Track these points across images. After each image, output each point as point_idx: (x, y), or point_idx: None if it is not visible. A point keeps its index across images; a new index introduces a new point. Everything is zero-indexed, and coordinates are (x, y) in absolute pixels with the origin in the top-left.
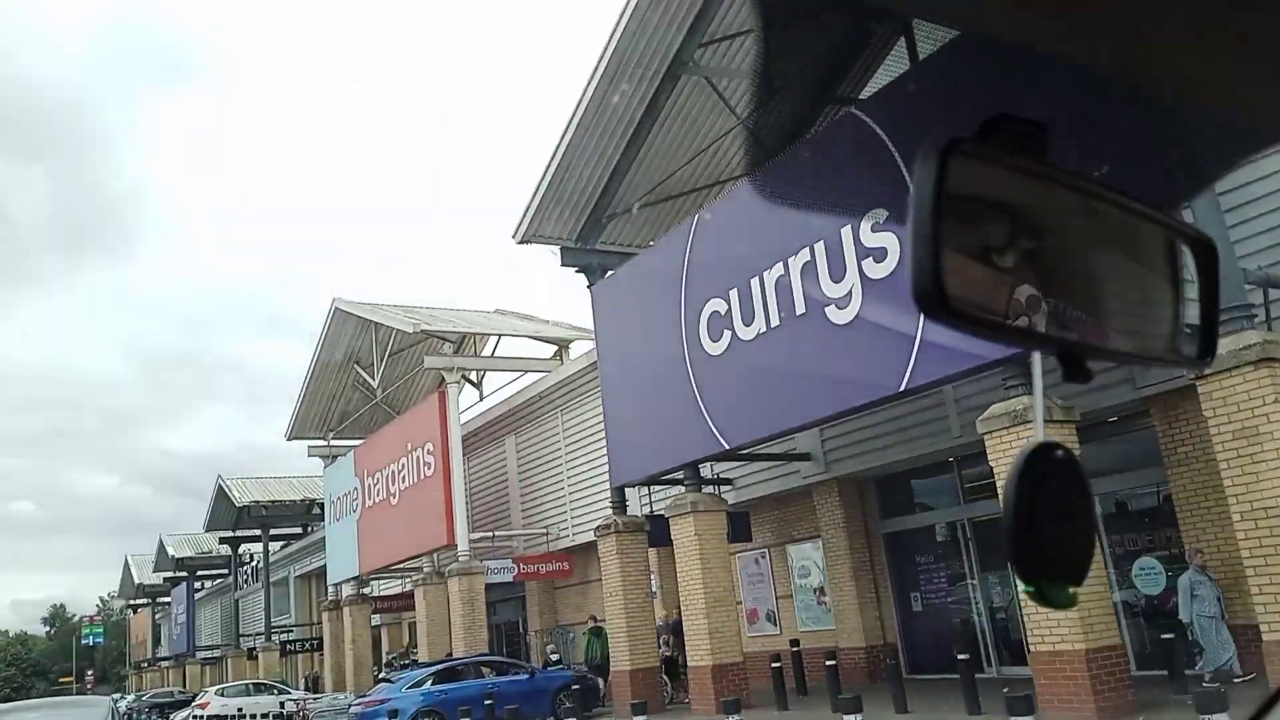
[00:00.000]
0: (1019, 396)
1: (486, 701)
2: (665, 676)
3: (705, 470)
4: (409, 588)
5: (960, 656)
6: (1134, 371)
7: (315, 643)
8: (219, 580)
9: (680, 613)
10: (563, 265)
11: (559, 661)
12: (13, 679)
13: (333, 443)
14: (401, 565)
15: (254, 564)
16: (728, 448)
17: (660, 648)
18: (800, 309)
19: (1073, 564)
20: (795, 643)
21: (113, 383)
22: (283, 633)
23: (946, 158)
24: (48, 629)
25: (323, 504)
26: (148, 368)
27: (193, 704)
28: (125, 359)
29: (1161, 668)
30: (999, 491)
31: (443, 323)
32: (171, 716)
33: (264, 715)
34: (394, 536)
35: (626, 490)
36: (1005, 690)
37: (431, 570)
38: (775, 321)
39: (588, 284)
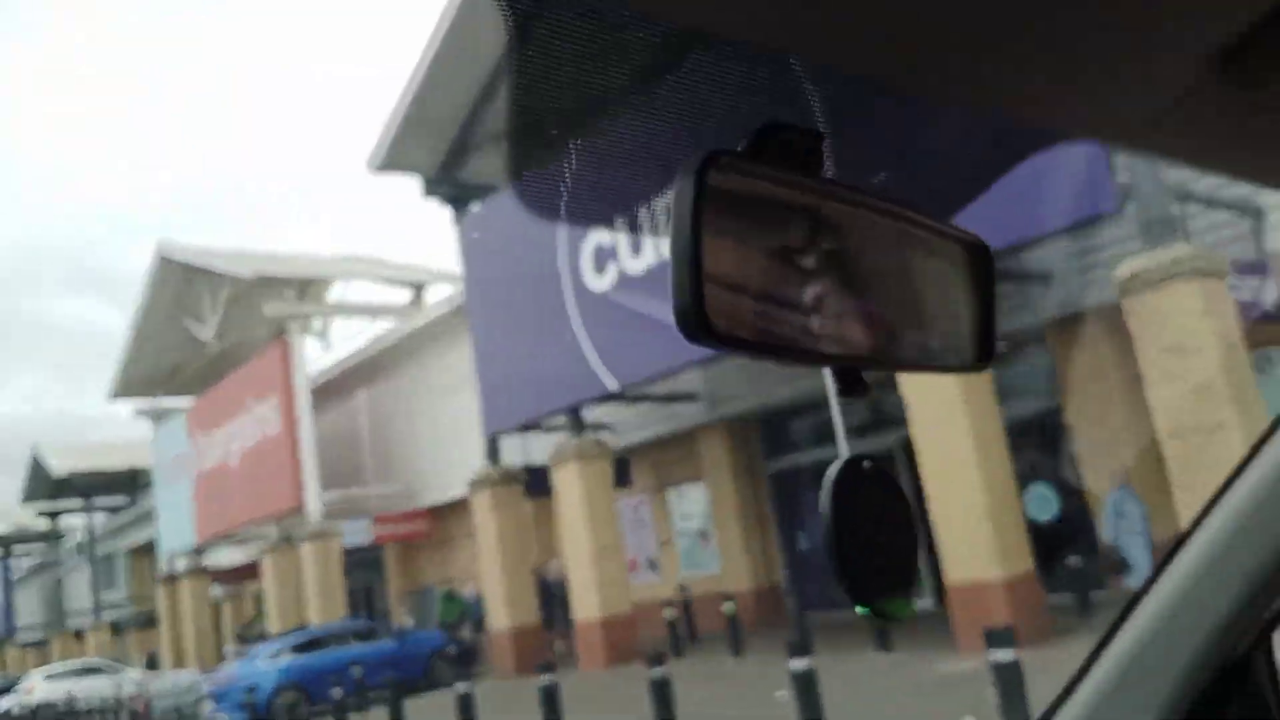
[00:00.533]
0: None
1: (353, 671)
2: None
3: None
4: (253, 557)
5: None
6: (1031, 297)
7: (149, 619)
8: (38, 558)
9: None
10: (426, 195)
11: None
12: None
13: (163, 402)
14: (243, 532)
15: (79, 538)
16: (614, 389)
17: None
18: None
19: (900, 575)
20: (684, 588)
21: None
22: (115, 610)
23: (705, 172)
24: None
25: (152, 472)
26: None
27: (16, 689)
28: None
29: (1065, 590)
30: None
31: (283, 267)
32: None
33: (98, 701)
34: (235, 501)
35: (499, 442)
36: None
37: (280, 535)
38: (667, 253)
39: (454, 218)
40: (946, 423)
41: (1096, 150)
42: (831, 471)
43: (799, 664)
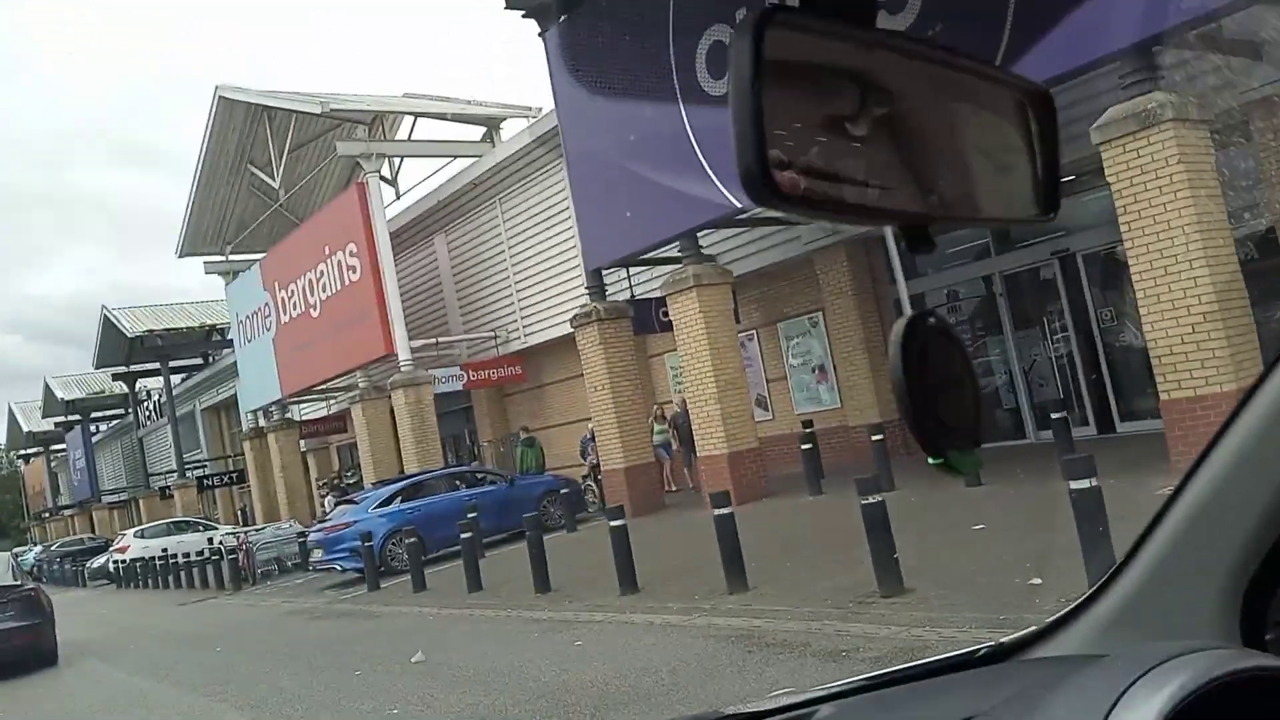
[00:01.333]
0: (1147, 94)
1: (470, 515)
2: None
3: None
4: (334, 409)
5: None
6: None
7: (235, 476)
8: (116, 421)
9: (677, 403)
10: (508, 8)
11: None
12: None
13: (231, 257)
14: (328, 384)
15: (156, 399)
16: (740, 206)
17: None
18: None
19: (968, 427)
20: (809, 424)
21: None
22: (196, 468)
23: (763, 29)
24: None
25: (224, 330)
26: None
27: (109, 549)
28: None
29: None
30: (1117, 210)
31: (351, 103)
32: (88, 564)
33: (192, 554)
34: (320, 352)
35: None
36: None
37: (368, 385)
38: None
39: (539, 31)
40: (1166, 218)
41: None
42: (898, 328)
43: (1079, 485)
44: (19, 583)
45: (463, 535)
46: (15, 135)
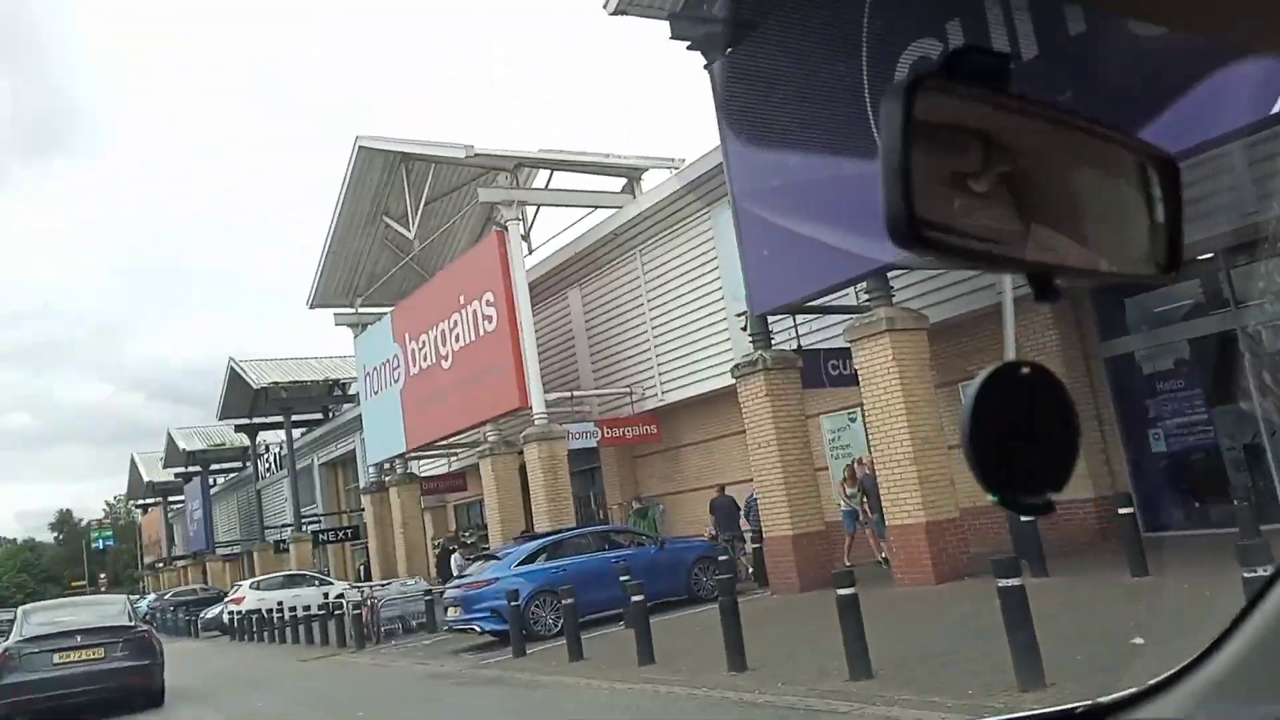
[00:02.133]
0: None
1: (624, 578)
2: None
3: (855, 296)
4: (454, 466)
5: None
6: None
7: (350, 531)
8: (233, 474)
9: (867, 465)
10: (673, 38)
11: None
12: (25, 585)
13: (361, 310)
14: (452, 440)
15: (277, 452)
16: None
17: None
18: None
19: (1051, 472)
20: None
21: (97, 293)
22: (311, 523)
23: (913, 93)
24: (56, 535)
25: (345, 385)
26: (130, 277)
27: (224, 600)
28: (107, 269)
29: None
30: None
31: (493, 151)
32: (201, 614)
33: (309, 609)
34: (448, 405)
35: (758, 325)
36: None
37: (498, 439)
38: (1031, 53)
39: (705, 64)
40: None
41: None
42: (983, 373)
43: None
44: (133, 624)
45: (633, 599)
46: (146, 206)
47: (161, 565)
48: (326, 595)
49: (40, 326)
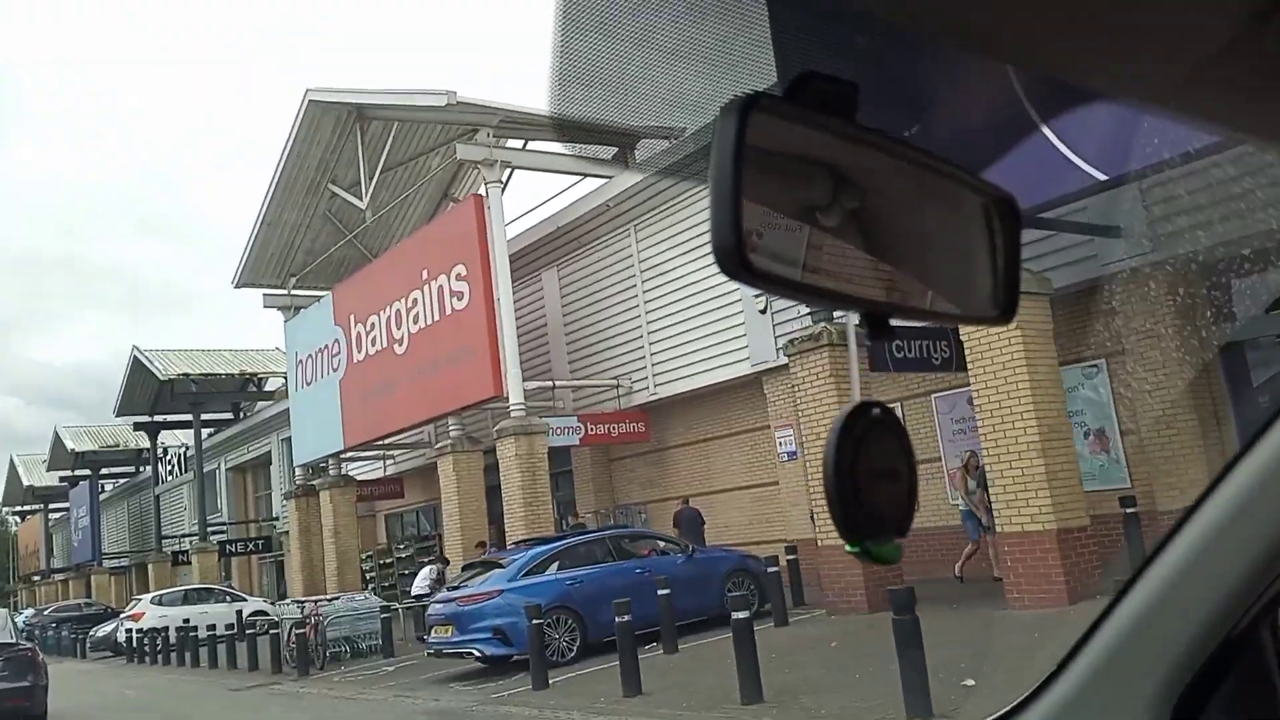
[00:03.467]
0: None
1: (661, 591)
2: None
3: None
4: (390, 470)
5: None
6: None
7: (260, 543)
8: (125, 479)
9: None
10: None
11: None
12: None
13: (294, 292)
14: (391, 440)
15: (180, 453)
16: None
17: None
18: None
19: (896, 518)
20: (1129, 501)
21: None
22: (216, 533)
23: (747, 114)
24: None
25: (262, 380)
26: (17, 271)
27: (119, 616)
28: None
29: None
30: None
31: (474, 103)
32: (92, 632)
33: (213, 628)
34: (400, 395)
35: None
36: None
37: (461, 434)
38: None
39: None
40: None
41: None
42: (841, 412)
43: None
44: (15, 642)
45: (736, 616)
46: (39, 199)
47: (39, 579)
48: (240, 613)
49: None
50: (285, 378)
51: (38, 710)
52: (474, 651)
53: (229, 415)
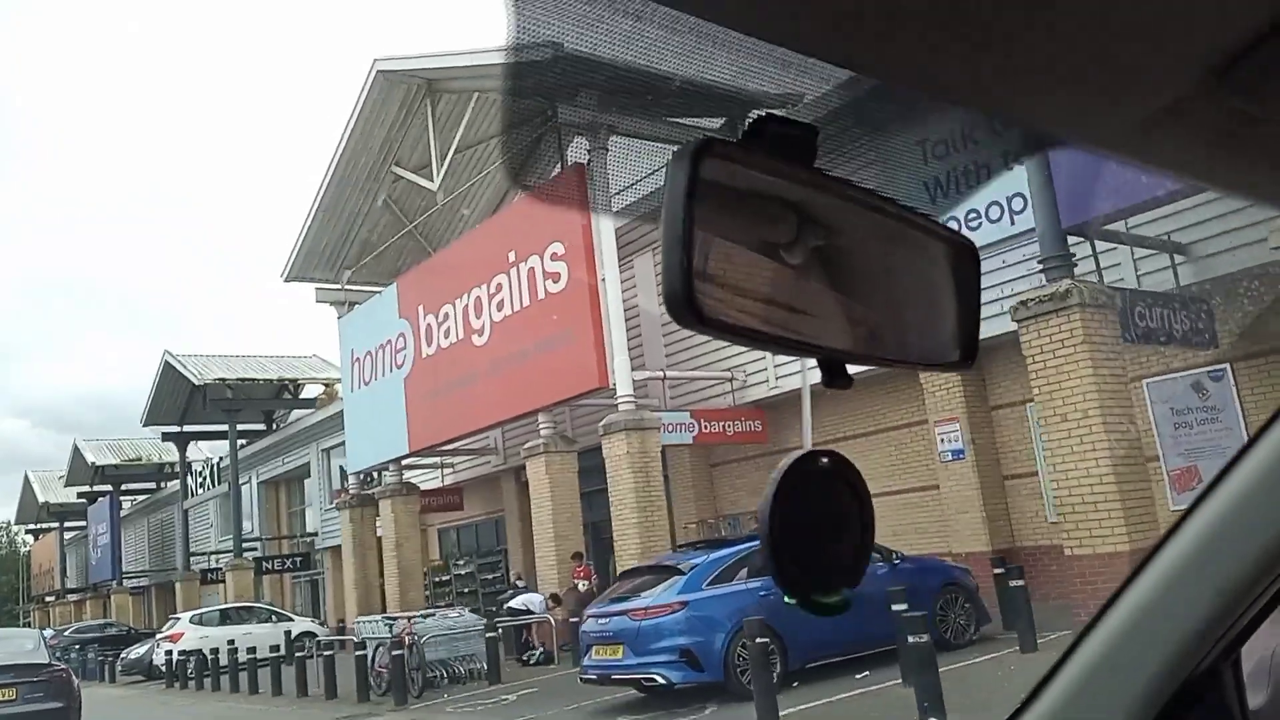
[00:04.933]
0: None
1: (898, 606)
2: None
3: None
4: (455, 478)
5: None
6: None
7: (298, 560)
8: (146, 496)
9: None
10: None
11: None
12: None
13: (348, 287)
14: (456, 445)
15: (214, 464)
16: None
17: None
18: None
19: (845, 569)
20: None
21: None
22: (250, 549)
23: (699, 159)
24: None
25: (299, 386)
26: (25, 298)
27: (155, 637)
28: (4, 284)
29: None
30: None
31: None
32: (124, 654)
33: (253, 650)
34: (479, 391)
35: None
36: None
37: (553, 433)
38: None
39: None
40: None
41: None
42: (784, 463)
43: None
44: (50, 663)
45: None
46: (46, 221)
47: (53, 599)
48: (289, 634)
49: None
50: (324, 385)
51: None
52: (656, 678)
53: (261, 426)
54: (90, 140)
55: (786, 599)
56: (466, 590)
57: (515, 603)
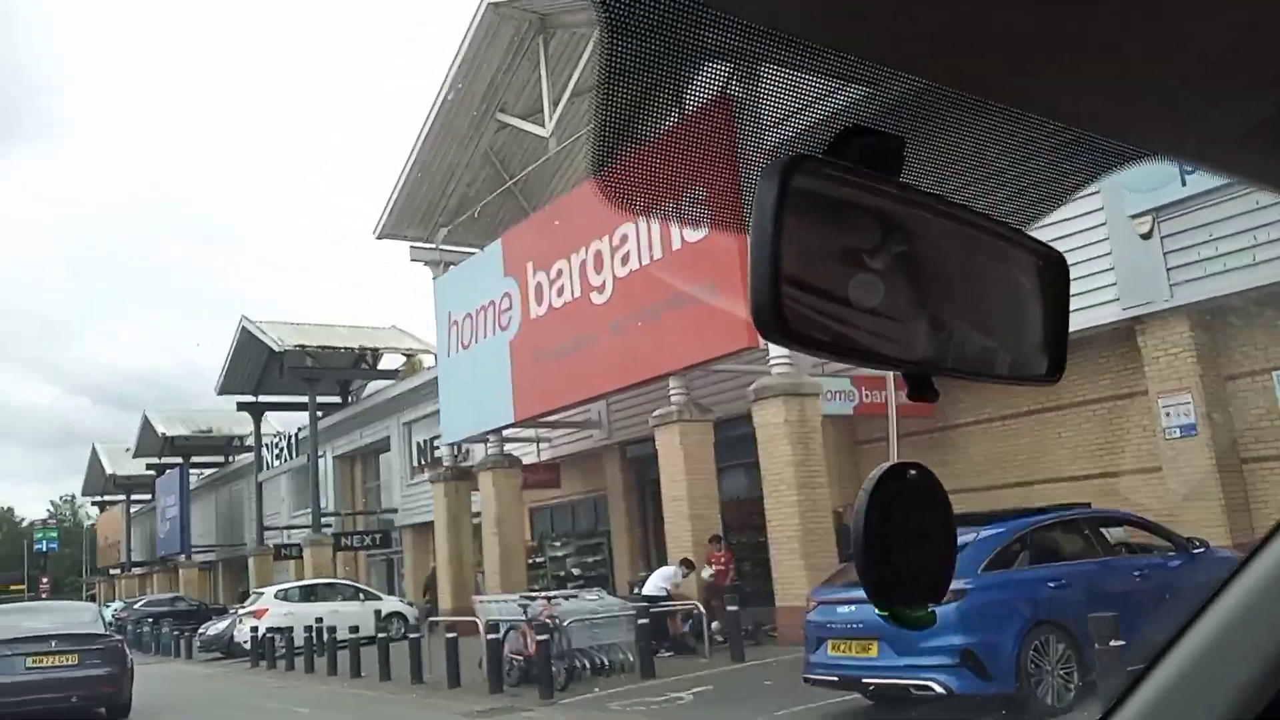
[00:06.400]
0: None
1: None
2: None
3: None
4: (552, 452)
5: None
6: None
7: (377, 537)
8: (214, 470)
9: None
10: None
11: None
12: None
13: (442, 247)
14: (559, 416)
15: (293, 436)
16: None
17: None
18: None
19: (931, 583)
20: None
21: (48, 289)
22: (327, 524)
23: (789, 176)
24: None
25: (378, 355)
26: (84, 275)
27: (237, 613)
28: (61, 265)
29: None
30: None
31: None
32: (203, 630)
33: (337, 630)
34: (600, 353)
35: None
36: None
37: (686, 400)
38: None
39: None
40: None
41: None
42: (874, 474)
43: None
44: (106, 633)
45: None
46: (104, 203)
47: (118, 572)
48: (379, 613)
49: None
50: (405, 355)
51: (123, 698)
52: (931, 685)
53: (336, 399)
54: (151, 112)
55: (877, 611)
56: (562, 574)
57: (650, 588)
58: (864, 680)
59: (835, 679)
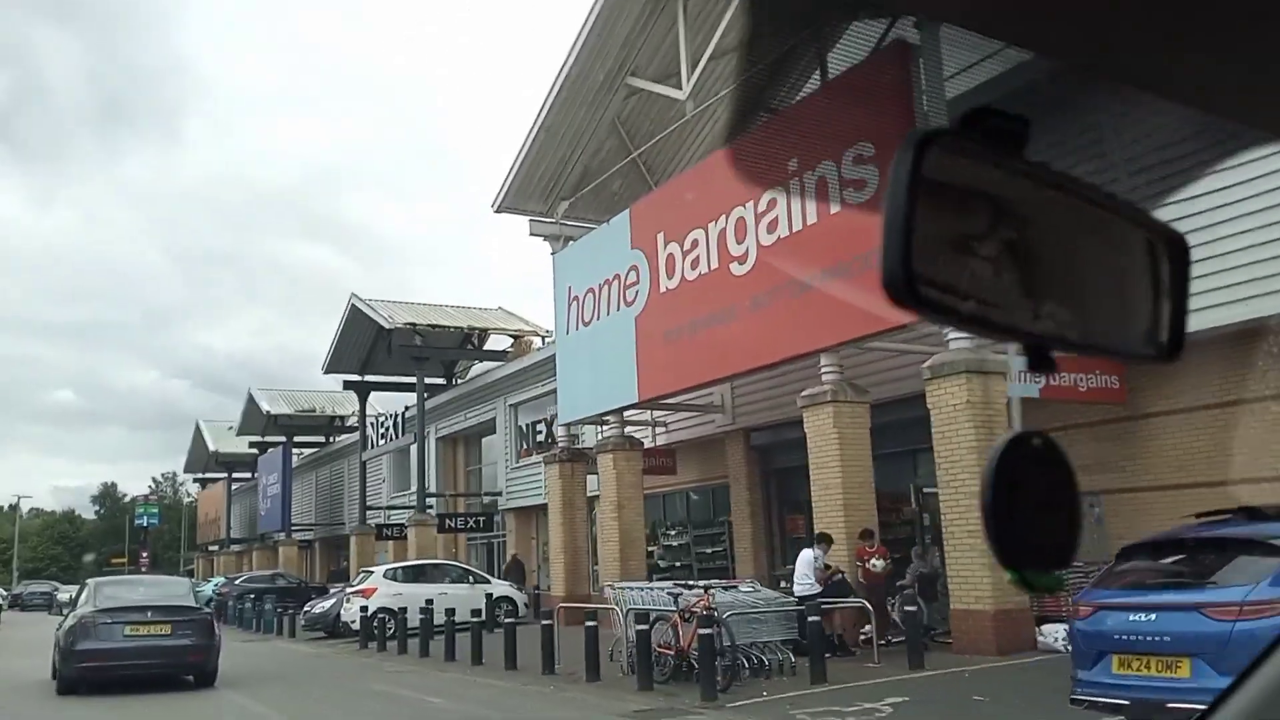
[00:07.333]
0: None
1: None
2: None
3: None
4: (668, 438)
5: None
6: None
7: (481, 520)
8: (316, 449)
9: None
10: None
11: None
12: (59, 558)
13: (562, 222)
14: (684, 398)
15: (400, 415)
16: None
17: None
18: None
19: (1057, 549)
20: None
21: (153, 277)
22: (430, 506)
23: (923, 148)
24: (97, 509)
25: (484, 335)
26: (188, 264)
27: (345, 591)
28: (165, 253)
29: None
30: None
31: None
32: (308, 608)
33: (473, 614)
34: (740, 328)
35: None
36: None
37: (839, 379)
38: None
39: None
40: None
41: None
42: (999, 443)
43: None
44: (198, 606)
45: None
46: (210, 194)
47: (217, 548)
48: (490, 596)
49: (93, 306)
50: (512, 336)
51: (210, 667)
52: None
53: (440, 380)
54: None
55: (1007, 574)
56: (679, 564)
57: (800, 588)
58: (1169, 705)
59: (1125, 702)
